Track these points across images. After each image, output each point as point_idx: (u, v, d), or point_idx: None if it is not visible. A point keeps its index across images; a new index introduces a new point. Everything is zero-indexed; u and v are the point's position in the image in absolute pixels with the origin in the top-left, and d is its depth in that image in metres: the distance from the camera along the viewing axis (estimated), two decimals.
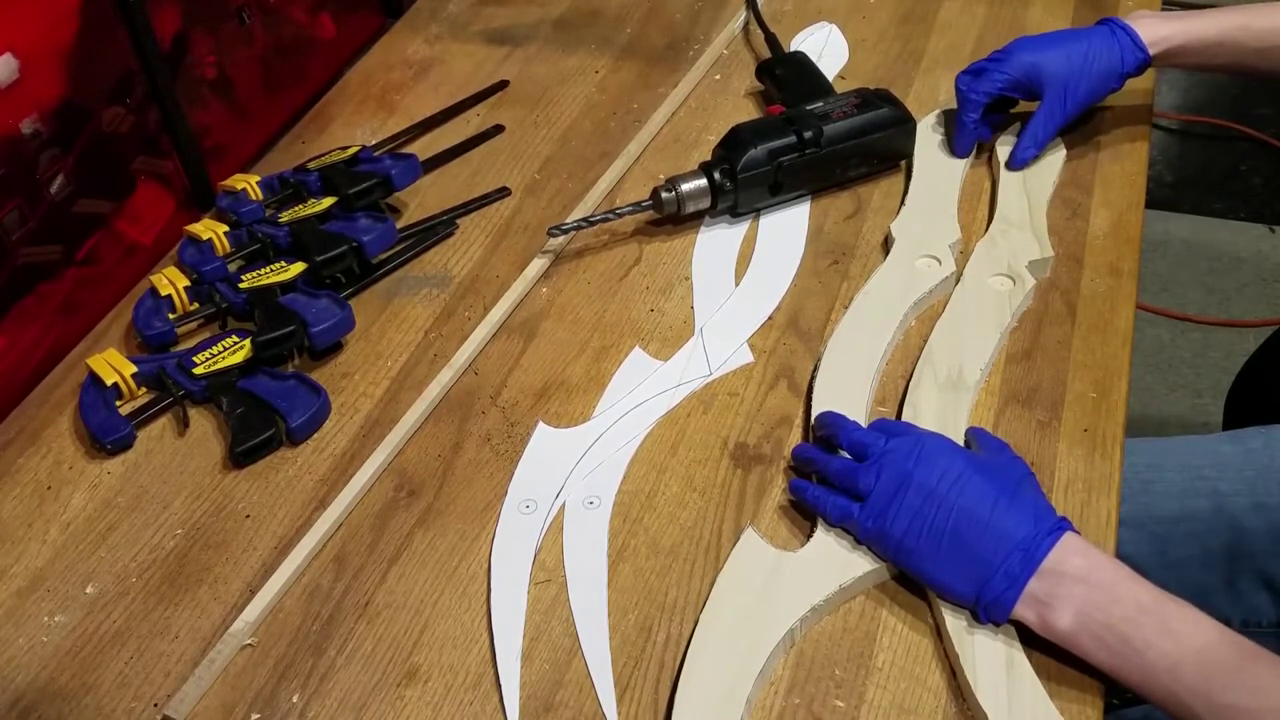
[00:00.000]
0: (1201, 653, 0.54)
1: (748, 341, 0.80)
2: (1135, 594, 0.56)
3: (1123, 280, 0.81)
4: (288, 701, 0.61)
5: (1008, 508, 0.59)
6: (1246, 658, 0.53)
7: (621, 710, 0.59)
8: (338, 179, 0.91)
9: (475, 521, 0.70)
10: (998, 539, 0.58)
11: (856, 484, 0.63)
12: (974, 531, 0.59)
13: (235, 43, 0.99)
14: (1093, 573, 0.57)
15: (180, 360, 0.79)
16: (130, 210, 0.89)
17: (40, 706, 0.62)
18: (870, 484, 0.63)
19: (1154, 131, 1.55)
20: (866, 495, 0.63)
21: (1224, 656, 0.53)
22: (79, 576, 0.69)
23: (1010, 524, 0.58)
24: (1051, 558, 0.57)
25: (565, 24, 1.16)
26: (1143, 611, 0.55)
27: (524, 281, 0.85)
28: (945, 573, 0.59)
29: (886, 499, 0.62)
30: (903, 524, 0.61)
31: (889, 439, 0.64)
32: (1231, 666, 0.53)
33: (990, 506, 0.59)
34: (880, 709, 0.59)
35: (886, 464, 0.63)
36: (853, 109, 0.90)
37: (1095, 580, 0.57)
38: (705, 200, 0.88)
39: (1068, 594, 0.56)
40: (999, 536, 0.58)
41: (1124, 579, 0.57)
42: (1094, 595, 0.56)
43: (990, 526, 0.58)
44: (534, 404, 0.77)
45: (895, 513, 0.61)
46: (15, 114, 0.77)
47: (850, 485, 0.64)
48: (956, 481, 0.60)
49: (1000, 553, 0.58)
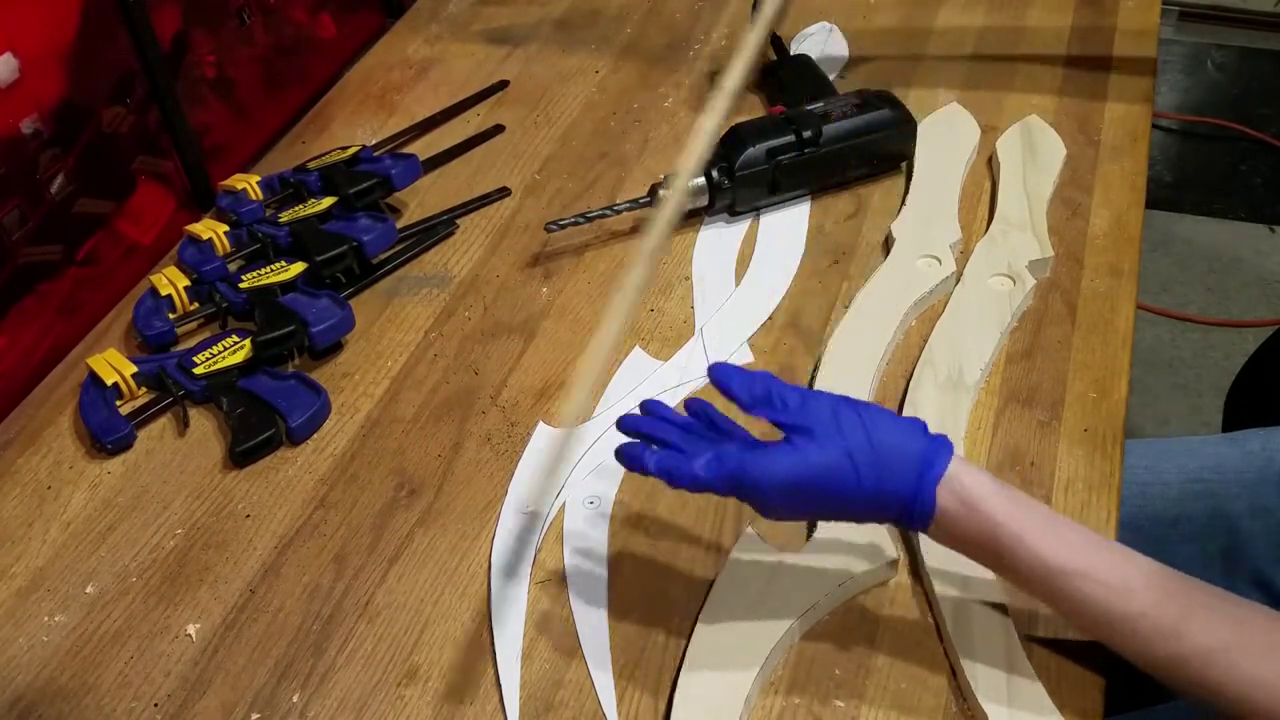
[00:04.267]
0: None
1: (748, 341, 0.80)
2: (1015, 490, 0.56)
3: (1123, 280, 0.81)
4: (288, 701, 0.61)
5: (903, 426, 0.57)
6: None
7: (621, 710, 0.59)
8: (338, 179, 0.91)
9: (475, 521, 0.70)
10: (909, 449, 0.55)
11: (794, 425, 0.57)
12: (890, 446, 0.55)
13: (235, 42, 0.99)
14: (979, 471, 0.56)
15: (180, 360, 0.79)
16: (130, 210, 0.89)
17: (40, 706, 0.62)
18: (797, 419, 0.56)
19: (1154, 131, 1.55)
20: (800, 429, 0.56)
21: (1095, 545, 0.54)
22: (79, 576, 0.69)
23: (915, 438, 0.56)
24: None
25: (565, 24, 1.16)
26: (1029, 501, 0.56)
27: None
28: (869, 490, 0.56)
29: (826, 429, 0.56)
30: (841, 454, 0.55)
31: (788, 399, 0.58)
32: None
33: (891, 428, 0.56)
34: (880, 709, 0.59)
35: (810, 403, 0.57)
36: (853, 109, 0.90)
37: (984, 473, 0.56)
38: (703, 198, 0.88)
39: (972, 470, 0.55)
40: (910, 446, 0.56)
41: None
42: (986, 479, 0.55)
43: (901, 440, 0.56)
44: (534, 404, 0.77)
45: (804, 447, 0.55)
46: (16, 114, 0.77)
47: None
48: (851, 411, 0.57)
49: (913, 456, 0.55)
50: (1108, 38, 1.05)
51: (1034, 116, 0.95)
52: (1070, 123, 0.95)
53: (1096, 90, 0.99)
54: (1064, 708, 0.57)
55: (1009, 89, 1.01)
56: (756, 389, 0.58)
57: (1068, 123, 0.95)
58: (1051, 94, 0.99)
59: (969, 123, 0.95)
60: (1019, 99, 0.99)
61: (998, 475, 0.68)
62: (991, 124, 0.95)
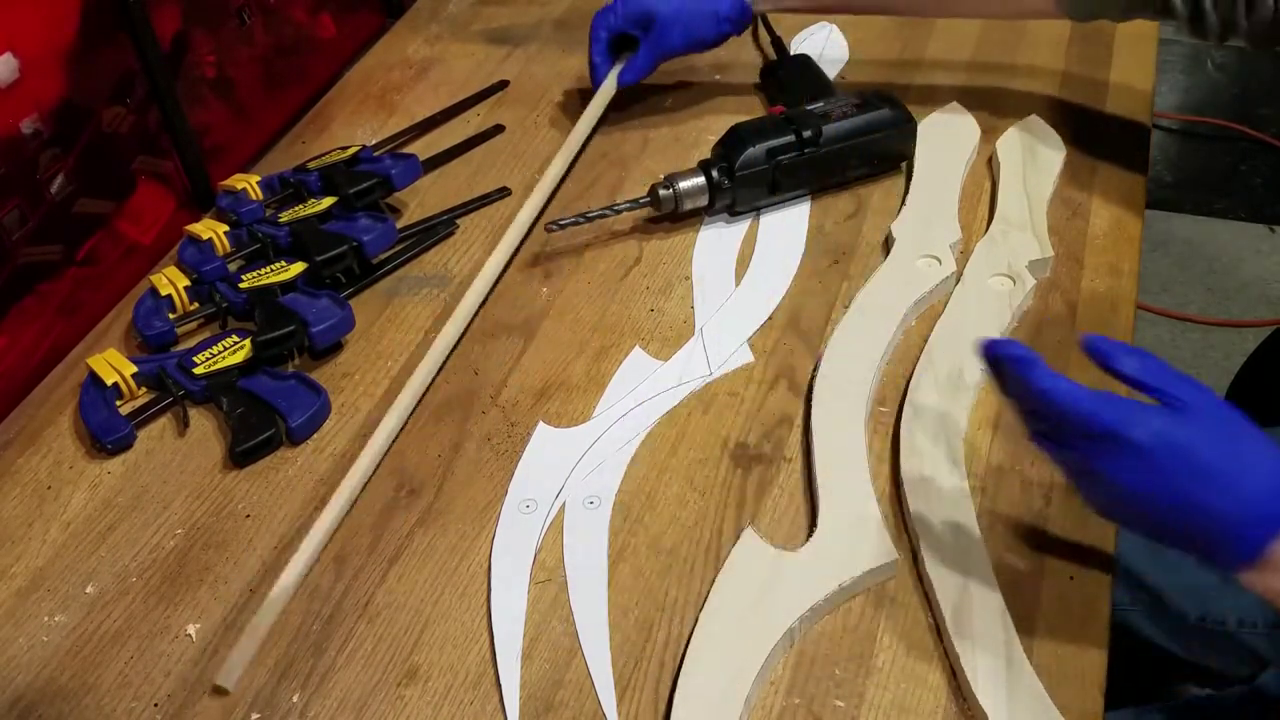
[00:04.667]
0: None
1: (748, 341, 0.80)
2: None
3: (1123, 280, 0.81)
4: (288, 701, 0.61)
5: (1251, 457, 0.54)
6: None
7: (621, 710, 0.59)
8: (338, 179, 0.91)
9: (475, 521, 0.70)
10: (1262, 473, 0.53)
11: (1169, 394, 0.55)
12: (1237, 468, 0.53)
13: (235, 42, 0.99)
14: None
15: (180, 360, 0.79)
16: (130, 210, 0.89)
17: (40, 706, 0.62)
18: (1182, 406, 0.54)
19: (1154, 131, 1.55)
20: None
21: None
22: (79, 576, 0.69)
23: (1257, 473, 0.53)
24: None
25: (566, 24, 1.16)
26: None
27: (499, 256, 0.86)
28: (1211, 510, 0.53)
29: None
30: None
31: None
32: None
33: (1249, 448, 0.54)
34: (880, 708, 0.59)
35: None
36: (853, 109, 0.90)
37: None
38: (703, 198, 0.88)
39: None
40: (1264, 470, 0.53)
41: None
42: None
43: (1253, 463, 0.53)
44: (534, 404, 0.77)
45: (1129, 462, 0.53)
46: (16, 114, 0.77)
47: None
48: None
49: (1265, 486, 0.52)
50: (1108, 38, 1.05)
51: (1034, 116, 0.95)
52: (1070, 123, 0.95)
53: (1097, 90, 0.99)
54: (1064, 708, 0.57)
55: (1009, 89, 1.01)
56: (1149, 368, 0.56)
57: (1068, 123, 0.95)
58: (1051, 94, 0.99)
59: (969, 123, 0.95)
60: (1019, 99, 0.99)
61: (998, 475, 0.69)
62: (991, 124, 0.95)
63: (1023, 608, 0.61)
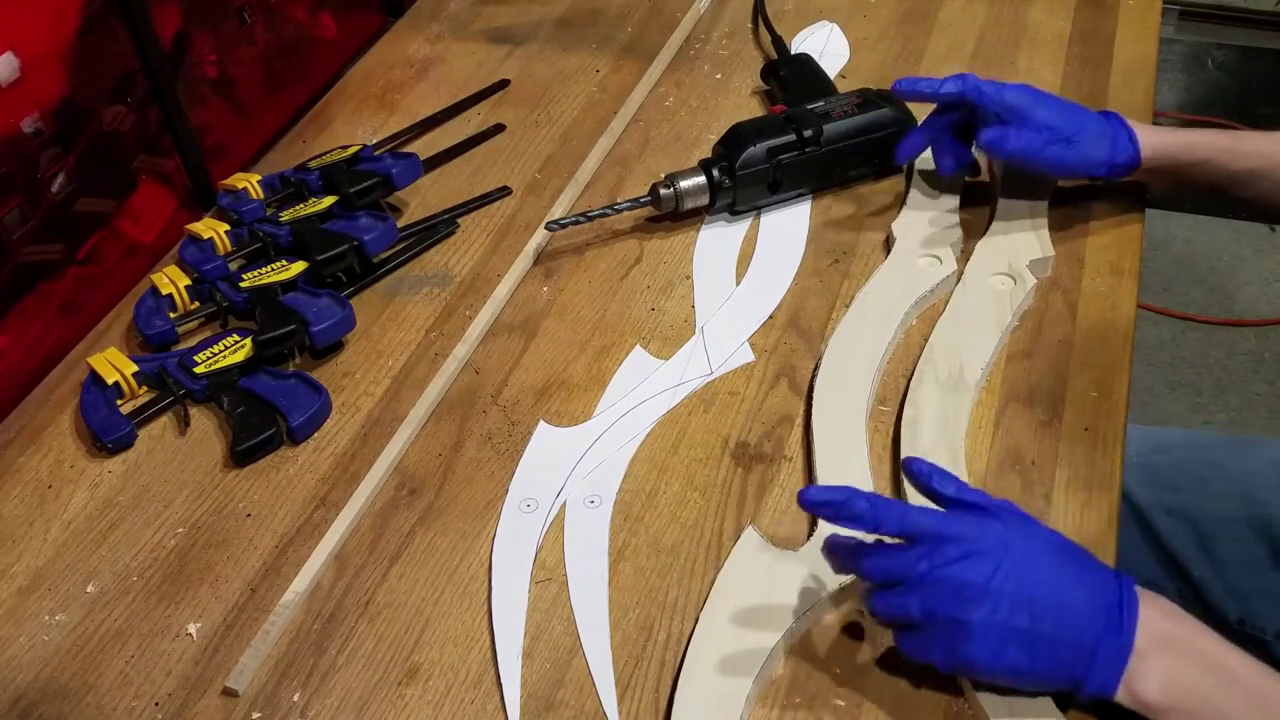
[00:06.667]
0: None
1: (749, 340, 0.80)
2: (1225, 662, 0.53)
3: (1124, 279, 0.81)
4: (289, 700, 0.61)
5: (1072, 582, 0.54)
6: None
7: (622, 709, 0.59)
8: (339, 178, 0.91)
9: (476, 520, 0.70)
10: (1083, 624, 0.53)
11: (911, 618, 0.56)
12: (1058, 625, 0.53)
13: (236, 42, 0.99)
14: (1180, 637, 0.54)
15: (181, 359, 0.79)
16: (131, 209, 0.89)
17: (41, 705, 0.62)
18: (929, 613, 0.55)
19: None
20: (927, 626, 0.55)
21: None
22: (80, 575, 0.69)
23: (1084, 601, 0.54)
24: (1139, 623, 0.53)
25: (566, 23, 1.16)
26: (1234, 682, 0.52)
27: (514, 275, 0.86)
28: (1041, 676, 0.54)
29: (947, 629, 0.54)
30: (985, 649, 0.54)
31: (916, 557, 0.55)
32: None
33: (1058, 591, 0.54)
34: (880, 708, 0.59)
35: (932, 589, 0.54)
36: (853, 108, 0.90)
37: (1182, 647, 0.53)
38: (703, 197, 0.88)
39: (1157, 665, 0.53)
40: (1084, 620, 0.53)
41: (1211, 643, 0.54)
42: (1184, 665, 0.53)
43: (1071, 613, 0.53)
44: (535, 403, 0.77)
45: (968, 645, 0.54)
46: (16, 113, 0.77)
47: (903, 619, 0.56)
48: (1006, 575, 0.54)
49: (1090, 638, 0.53)
50: (1108, 37, 1.05)
51: None
52: None
53: (1097, 89, 0.99)
54: (1064, 708, 0.57)
55: None
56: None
57: None
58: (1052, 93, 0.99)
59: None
60: None
61: (998, 475, 0.69)
62: None
63: None
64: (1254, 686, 0.52)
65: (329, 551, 0.68)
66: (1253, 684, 0.52)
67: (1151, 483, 0.85)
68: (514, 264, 0.86)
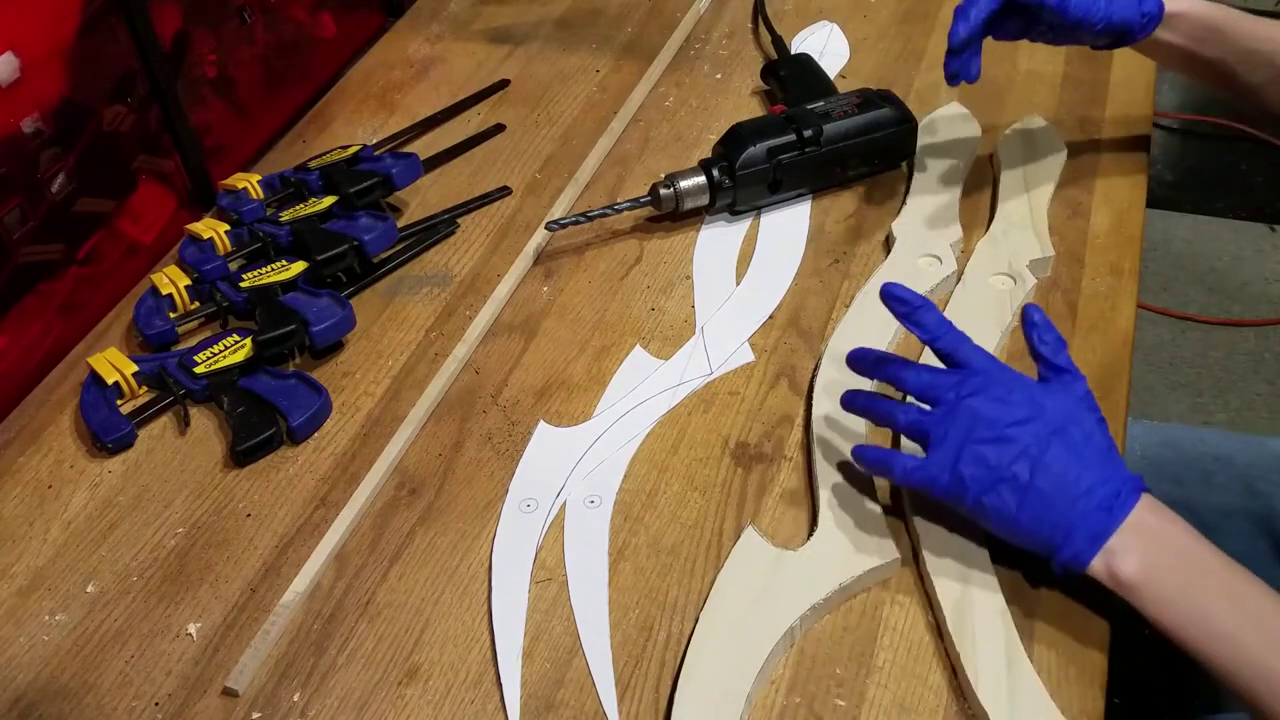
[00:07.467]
0: (1263, 620, 0.53)
1: (749, 340, 0.80)
2: (1203, 556, 0.56)
3: (1123, 279, 0.81)
4: (288, 700, 0.61)
5: (1084, 462, 0.57)
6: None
7: (622, 709, 0.60)
8: (339, 178, 0.91)
9: (476, 520, 0.70)
10: (1077, 495, 0.57)
11: (927, 435, 0.61)
12: (1054, 487, 0.57)
13: (236, 42, 0.99)
14: (1164, 530, 0.56)
15: (181, 359, 0.79)
16: (131, 209, 0.89)
17: (41, 705, 0.62)
18: (941, 434, 0.60)
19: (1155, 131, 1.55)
20: (938, 445, 0.60)
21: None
22: (80, 575, 0.69)
23: (1088, 480, 0.57)
24: (1129, 514, 0.56)
25: (566, 23, 1.16)
26: (1208, 574, 0.55)
27: (514, 275, 0.86)
28: (1021, 527, 0.58)
29: (956, 450, 0.59)
30: (979, 479, 0.58)
31: (956, 381, 0.61)
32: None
33: (1067, 461, 0.57)
34: (881, 707, 0.59)
35: (959, 414, 0.60)
36: (853, 108, 0.90)
37: (1166, 537, 0.56)
38: (703, 197, 0.88)
39: (1137, 546, 0.56)
40: (1079, 493, 0.57)
41: (1194, 541, 0.56)
42: (1163, 551, 0.56)
43: (1070, 482, 0.57)
44: (535, 403, 0.77)
45: (969, 468, 0.59)
46: (16, 113, 0.77)
47: (920, 435, 0.62)
48: (1029, 428, 0.58)
49: (1080, 510, 0.57)
50: None
51: (1035, 115, 0.95)
52: (1071, 122, 0.95)
53: (1097, 89, 0.99)
54: (1064, 708, 0.57)
55: (1009, 88, 1.00)
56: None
57: (1068, 122, 0.95)
58: (1052, 93, 0.99)
59: (969, 122, 0.95)
60: (1020, 98, 0.99)
61: None
62: (992, 123, 0.95)
63: (1023, 608, 0.61)
64: (1230, 581, 0.55)
65: (329, 551, 0.68)
66: (1228, 578, 0.55)
67: (1154, 475, 0.85)
68: (514, 264, 0.87)
